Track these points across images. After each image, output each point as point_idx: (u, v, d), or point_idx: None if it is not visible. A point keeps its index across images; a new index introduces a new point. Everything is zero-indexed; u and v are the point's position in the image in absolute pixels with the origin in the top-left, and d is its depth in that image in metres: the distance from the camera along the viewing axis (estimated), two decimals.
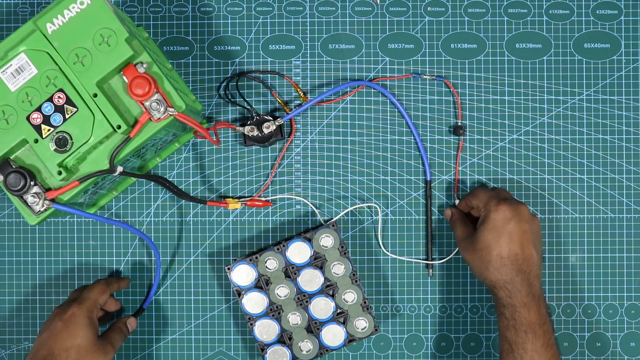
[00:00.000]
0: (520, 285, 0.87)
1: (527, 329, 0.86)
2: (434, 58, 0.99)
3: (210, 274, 0.99)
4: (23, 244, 0.99)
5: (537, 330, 0.86)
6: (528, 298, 0.86)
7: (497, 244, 0.87)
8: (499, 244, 0.87)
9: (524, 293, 0.86)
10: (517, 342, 0.86)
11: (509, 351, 0.87)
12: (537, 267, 0.88)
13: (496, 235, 0.87)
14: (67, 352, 0.86)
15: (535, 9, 0.99)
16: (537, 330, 0.86)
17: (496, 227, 0.87)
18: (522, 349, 0.86)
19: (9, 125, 0.82)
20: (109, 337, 0.91)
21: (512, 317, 0.86)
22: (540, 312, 0.86)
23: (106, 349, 0.89)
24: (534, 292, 0.87)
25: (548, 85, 0.98)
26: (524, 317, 0.86)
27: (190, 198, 0.97)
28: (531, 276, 0.87)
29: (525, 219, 0.88)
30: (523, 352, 0.86)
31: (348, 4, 0.99)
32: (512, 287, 0.87)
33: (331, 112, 0.99)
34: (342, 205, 0.99)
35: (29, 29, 0.83)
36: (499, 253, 0.87)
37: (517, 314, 0.86)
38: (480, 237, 0.88)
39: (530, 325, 0.86)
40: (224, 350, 0.99)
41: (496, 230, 0.87)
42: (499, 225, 0.87)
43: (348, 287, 0.95)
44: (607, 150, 0.98)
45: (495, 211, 0.88)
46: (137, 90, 0.81)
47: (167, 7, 0.99)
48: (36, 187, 0.83)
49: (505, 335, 0.87)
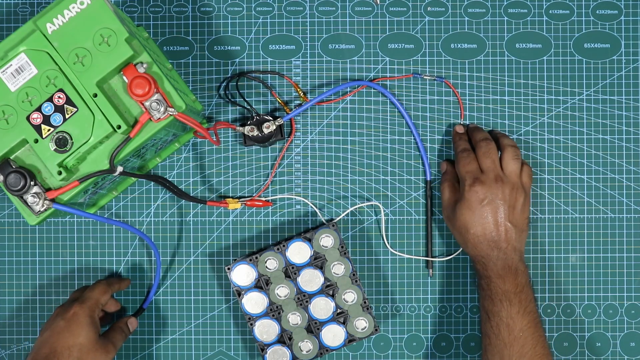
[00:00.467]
0: (497, 259, 0.90)
1: (502, 298, 0.88)
2: (434, 58, 0.99)
3: (210, 274, 0.99)
4: (23, 244, 0.99)
5: (512, 298, 0.88)
6: (504, 270, 0.89)
7: (472, 224, 0.90)
8: (473, 223, 0.90)
9: (499, 266, 0.89)
10: (493, 311, 0.89)
11: (486, 320, 0.89)
12: (515, 240, 0.90)
13: (471, 214, 0.90)
14: (69, 351, 0.86)
15: (535, 9, 0.99)
16: (512, 299, 0.88)
17: (471, 207, 0.90)
18: (497, 316, 0.88)
19: (9, 125, 0.82)
20: (111, 336, 0.91)
21: (488, 287, 0.90)
22: (517, 281, 0.89)
23: (107, 348, 0.89)
24: (510, 264, 0.89)
25: (548, 85, 0.98)
26: (499, 287, 0.89)
27: (190, 198, 0.97)
28: (508, 250, 0.90)
29: (500, 197, 0.90)
30: (499, 320, 0.88)
31: (348, 4, 0.99)
32: (488, 261, 0.90)
33: (331, 112, 0.99)
34: (342, 205, 0.99)
35: (29, 29, 0.83)
36: (474, 232, 0.90)
37: (492, 284, 0.89)
38: (458, 216, 0.91)
39: (505, 294, 0.88)
40: (224, 350, 0.99)
41: (471, 209, 0.90)
42: (473, 206, 0.90)
43: (348, 287, 0.95)
44: (607, 150, 0.98)
45: (469, 191, 0.90)
46: (137, 90, 0.81)
47: (167, 7, 1.00)
48: (36, 187, 0.83)
49: (483, 305, 0.91)
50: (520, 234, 0.91)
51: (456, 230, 0.92)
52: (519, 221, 0.91)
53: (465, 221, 0.90)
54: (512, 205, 0.90)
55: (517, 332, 0.87)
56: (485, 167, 0.91)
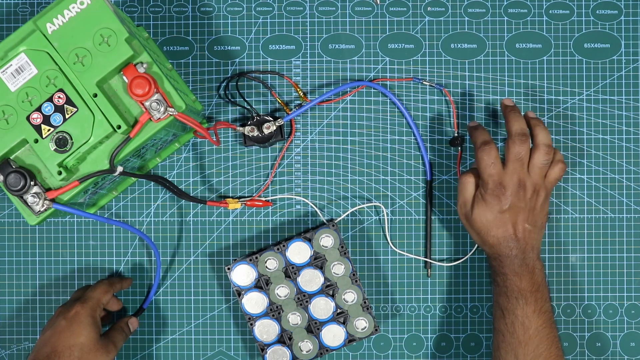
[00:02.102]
0: (514, 257, 0.89)
1: (517, 296, 0.88)
2: (434, 58, 0.99)
3: (210, 274, 0.99)
4: (23, 244, 0.99)
5: (528, 297, 0.87)
6: (521, 268, 0.88)
7: (492, 226, 0.89)
8: (493, 225, 0.89)
9: (516, 264, 0.88)
10: (509, 308, 0.88)
11: (501, 317, 0.89)
12: (533, 239, 0.90)
13: (492, 217, 0.89)
14: (70, 350, 0.86)
15: (535, 9, 0.99)
16: (528, 297, 0.87)
17: (492, 210, 0.89)
18: (512, 314, 0.87)
19: (9, 125, 0.82)
20: (111, 336, 0.92)
21: (504, 284, 0.89)
22: (533, 280, 0.88)
23: (108, 348, 0.89)
24: (527, 262, 0.88)
25: (548, 85, 0.98)
26: (515, 285, 0.88)
27: (190, 198, 0.97)
28: (527, 249, 0.89)
29: (522, 203, 0.88)
30: (514, 318, 0.87)
31: (348, 4, 0.99)
32: (505, 259, 0.89)
33: (331, 112, 0.99)
34: (342, 205, 0.99)
35: (29, 29, 0.83)
36: (494, 234, 0.89)
37: (508, 281, 0.88)
38: (476, 216, 0.90)
39: (521, 292, 0.88)
40: (224, 350, 0.99)
41: (492, 213, 0.89)
42: (494, 210, 0.89)
43: (348, 287, 0.95)
44: (607, 150, 0.98)
45: (491, 196, 0.88)
46: (137, 90, 0.81)
47: (167, 7, 1.00)
48: (36, 187, 0.83)
49: (497, 302, 0.90)
50: (539, 232, 0.91)
51: (474, 230, 0.91)
52: (537, 220, 0.90)
53: (485, 223, 0.89)
54: (533, 207, 0.89)
55: (533, 331, 0.87)
56: (511, 169, 0.88)
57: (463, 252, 0.99)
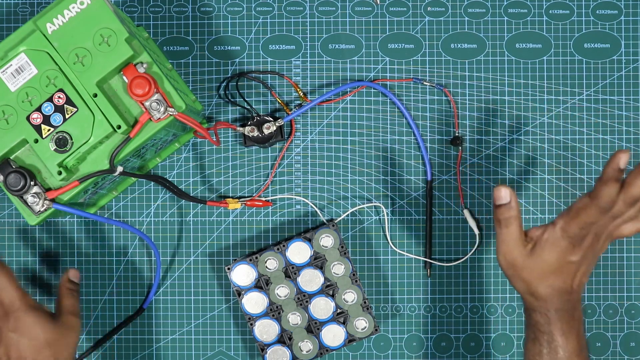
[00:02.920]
0: (565, 312, 0.79)
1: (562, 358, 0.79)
2: (434, 58, 0.99)
3: (210, 274, 0.99)
4: (23, 244, 0.99)
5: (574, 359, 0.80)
6: (569, 325, 0.79)
7: (550, 275, 0.78)
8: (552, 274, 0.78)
9: (565, 319, 0.79)
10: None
11: None
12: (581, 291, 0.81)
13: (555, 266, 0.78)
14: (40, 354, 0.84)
15: (535, 9, 0.99)
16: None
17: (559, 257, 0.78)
18: None
19: (9, 125, 0.82)
20: (63, 307, 0.87)
21: (549, 345, 0.80)
22: (579, 337, 0.80)
23: (68, 322, 0.86)
24: (574, 314, 0.80)
25: (548, 85, 0.98)
26: (560, 346, 0.79)
27: (190, 198, 0.97)
28: (577, 303, 0.80)
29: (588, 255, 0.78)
30: None
31: (348, 4, 0.99)
32: (554, 315, 0.79)
33: (331, 112, 0.99)
34: (342, 205, 0.99)
35: (29, 29, 0.83)
36: (551, 284, 0.78)
37: (554, 343, 0.79)
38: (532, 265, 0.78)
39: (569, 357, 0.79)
40: (224, 350, 0.99)
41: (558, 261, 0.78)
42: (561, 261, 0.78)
43: (348, 287, 0.95)
44: (607, 150, 0.98)
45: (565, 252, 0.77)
46: (137, 90, 0.81)
47: (167, 7, 1.00)
48: (36, 187, 0.83)
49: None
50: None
51: (522, 279, 0.79)
52: (592, 265, 0.80)
53: (546, 270, 0.78)
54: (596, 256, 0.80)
55: None
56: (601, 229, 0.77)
57: (463, 252, 0.99)
